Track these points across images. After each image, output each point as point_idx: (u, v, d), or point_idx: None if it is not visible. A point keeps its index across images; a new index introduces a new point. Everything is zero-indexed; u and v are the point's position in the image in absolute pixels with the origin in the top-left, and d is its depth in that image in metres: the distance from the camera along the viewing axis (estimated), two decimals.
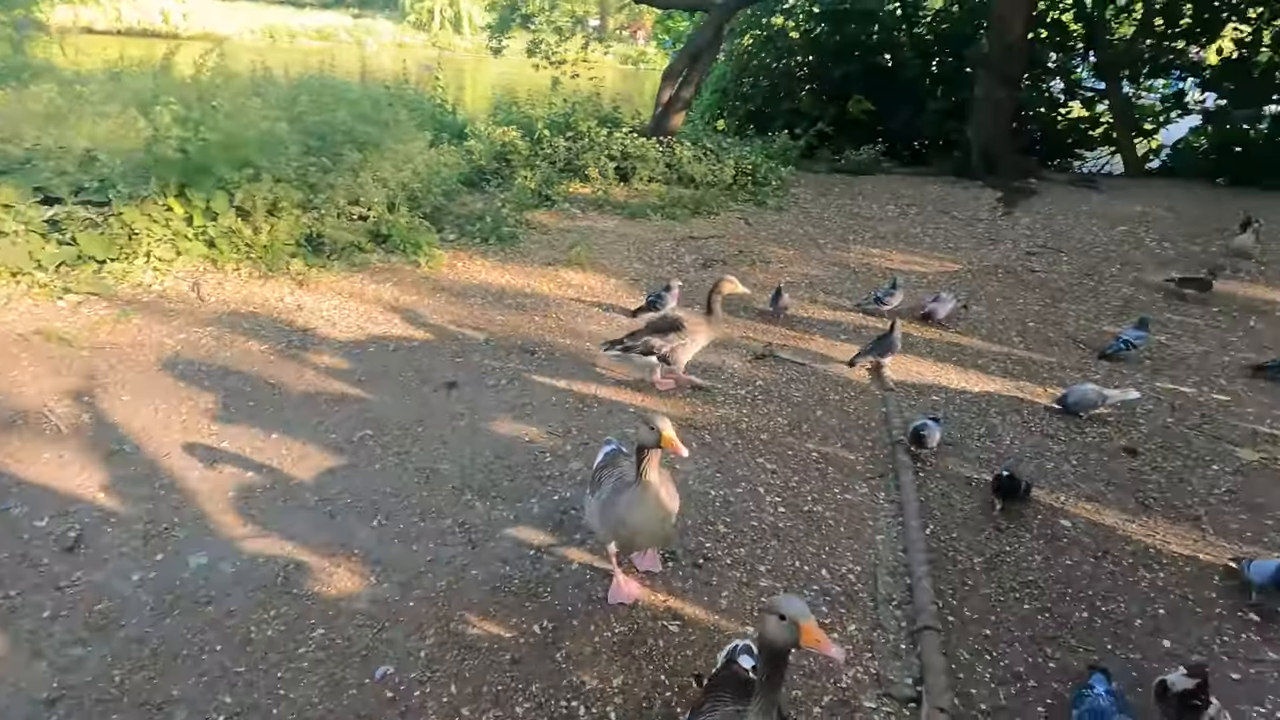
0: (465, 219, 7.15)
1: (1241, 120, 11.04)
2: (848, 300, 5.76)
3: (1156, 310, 5.63)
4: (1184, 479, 3.56)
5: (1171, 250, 7.10)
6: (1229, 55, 11.32)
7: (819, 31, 13.34)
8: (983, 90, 10.08)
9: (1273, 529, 3.21)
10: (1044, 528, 3.20)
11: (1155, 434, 3.96)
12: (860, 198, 8.95)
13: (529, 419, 3.92)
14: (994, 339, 5.14)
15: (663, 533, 2.56)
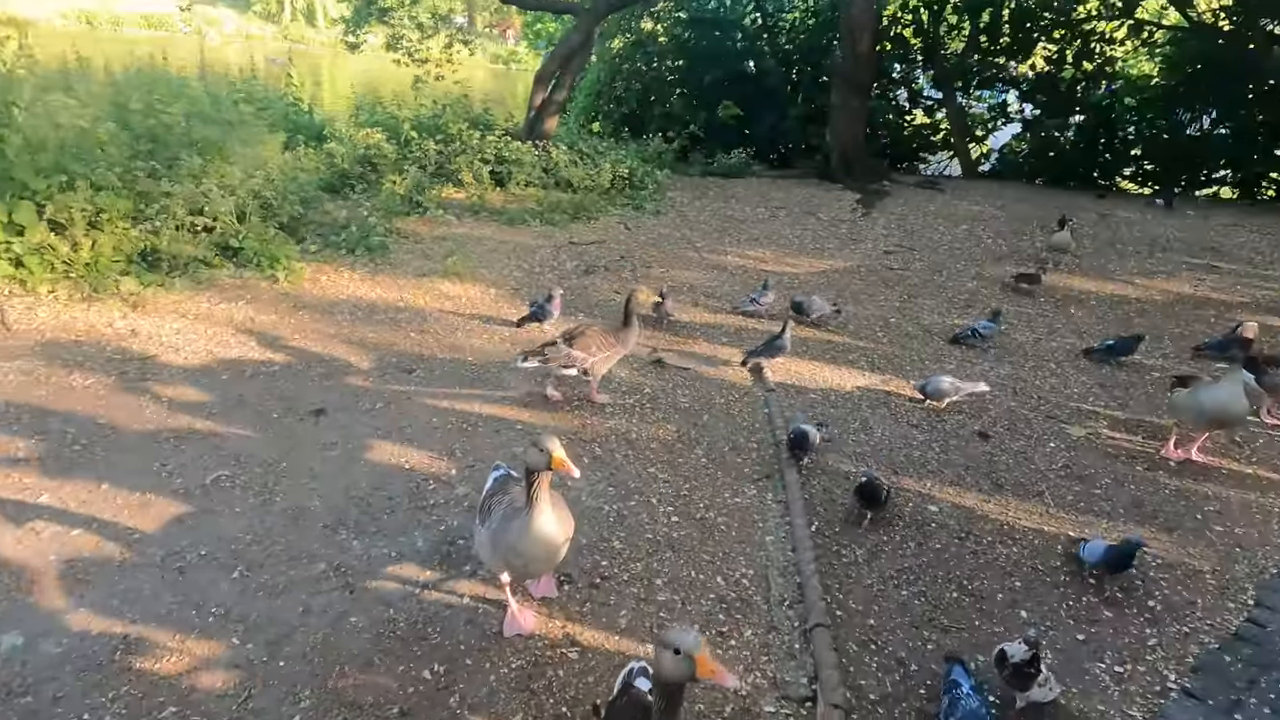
0: (329, 228, 6.68)
1: (1053, 128, 12.49)
2: (727, 303, 5.91)
3: (996, 302, 6.21)
4: (1028, 457, 3.94)
5: (1004, 246, 7.88)
6: (1041, 70, 12.76)
7: (686, 37, 13.68)
8: (838, 98, 10.74)
9: (1100, 498, 3.62)
10: (915, 514, 3.42)
11: (1002, 417, 4.36)
12: (733, 200, 9.25)
13: (409, 444, 3.70)
14: (861, 336, 5.47)
15: (558, 558, 2.48)
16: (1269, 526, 3.45)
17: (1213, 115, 11.87)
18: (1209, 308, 6.38)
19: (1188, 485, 3.75)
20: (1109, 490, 3.67)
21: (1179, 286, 6.84)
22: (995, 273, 6.95)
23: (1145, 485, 3.74)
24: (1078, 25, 12.15)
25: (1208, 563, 3.17)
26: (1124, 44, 12.43)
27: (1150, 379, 4.94)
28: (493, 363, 4.67)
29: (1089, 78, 12.45)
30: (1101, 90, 12.48)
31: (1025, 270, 6.58)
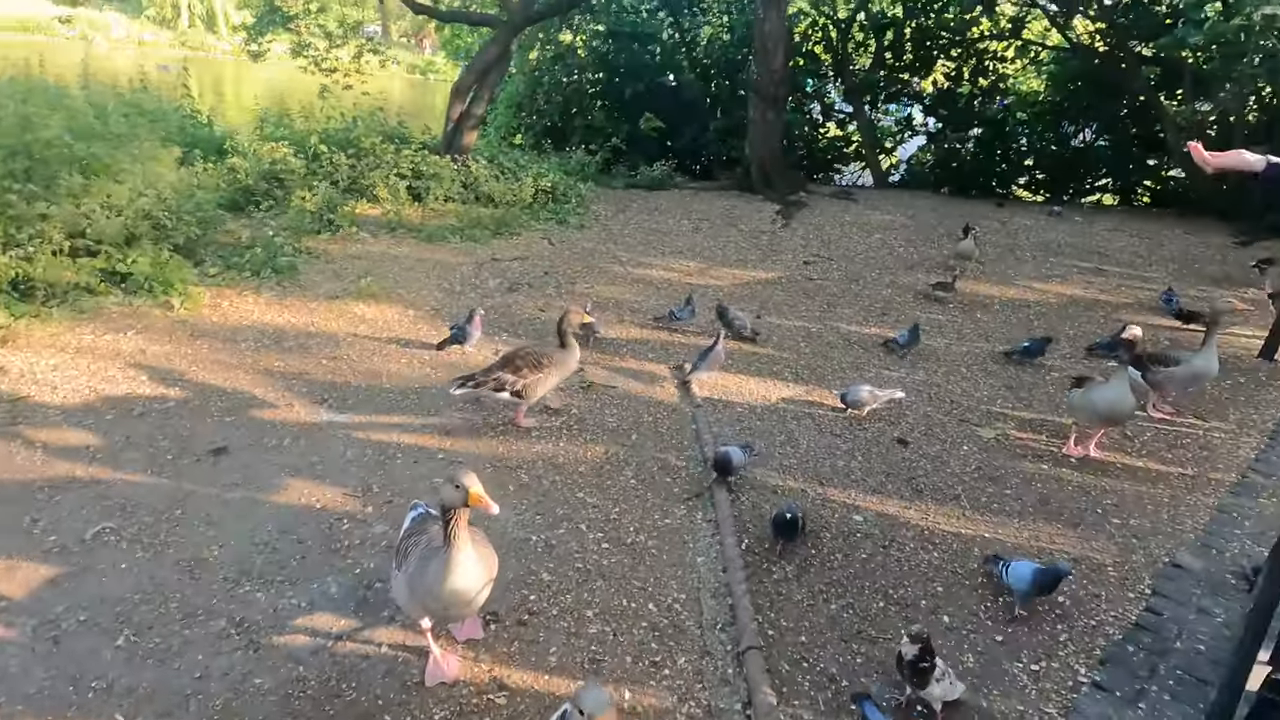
0: (231, 250, 6.29)
1: (954, 140, 13.21)
2: (653, 317, 5.91)
3: (910, 310, 6.47)
4: (944, 462, 4.09)
5: (915, 254, 8.23)
6: (941, 86, 13.49)
7: (606, 50, 13.73)
8: (755, 112, 10.99)
9: (1011, 498, 3.79)
10: (841, 525, 3.48)
11: (919, 423, 4.51)
12: (657, 213, 9.30)
13: (321, 481, 3.49)
14: (784, 347, 5.57)
15: (480, 600, 2.37)
16: (1159, 516, 3.70)
17: (1093, 128, 12.84)
18: (1098, 309, 6.85)
19: (1088, 481, 3.98)
20: (1018, 490, 3.85)
21: (1071, 289, 7.32)
22: (908, 280, 7.24)
23: (1050, 483, 3.94)
24: (972, 45, 12.93)
25: (1108, 555, 3.36)
26: (1014, 62, 13.30)
27: (1050, 379, 5.23)
28: (411, 389, 4.48)
29: (985, 93, 13.25)
30: (996, 105, 13.30)
31: (941, 279, 6.87)
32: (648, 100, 13.22)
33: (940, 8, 12.81)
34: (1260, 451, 4.38)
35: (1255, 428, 4.71)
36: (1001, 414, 4.70)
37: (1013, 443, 4.34)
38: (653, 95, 13.39)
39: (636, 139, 12.86)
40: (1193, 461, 4.25)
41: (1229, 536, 3.54)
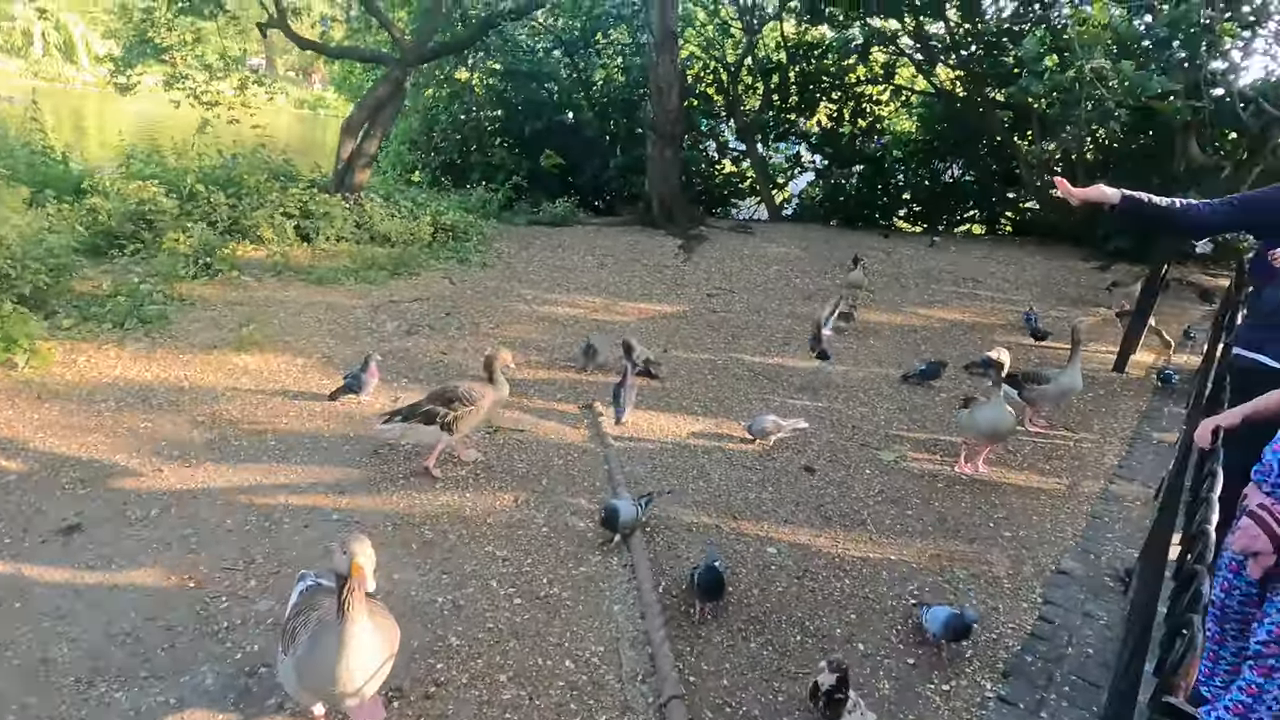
0: (89, 299, 5.71)
1: (839, 176, 14.07)
2: (561, 356, 5.83)
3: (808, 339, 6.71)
4: (850, 487, 4.22)
5: (811, 284, 8.61)
6: (825, 126, 14.37)
7: (504, 88, 13.74)
8: (653, 150, 11.27)
9: (912, 518, 3.94)
10: (756, 559, 3.49)
11: (824, 450, 4.65)
12: (561, 249, 9.28)
13: (194, 554, 3.15)
14: (693, 380, 5.62)
15: (380, 677, 2.18)
16: (1044, 526, 3.95)
17: (960, 165, 14.02)
18: (976, 330, 7.38)
19: (979, 497, 4.21)
20: (919, 510, 4.01)
21: (951, 314, 7.86)
22: (807, 310, 7.52)
23: (947, 501, 4.13)
24: (851, 89, 13.90)
25: (1002, 568, 3.54)
26: (888, 105, 14.39)
27: (941, 400, 5.55)
28: (301, 444, 4.16)
29: (864, 133, 14.22)
30: (874, 144, 14.29)
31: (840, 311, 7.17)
32: (548, 137, 13.30)
33: (820, 54, 13.71)
34: (1122, 458, 4.80)
35: (1116, 435, 5.17)
36: (899, 436, 4.92)
37: (911, 464, 4.54)
38: (553, 133, 13.49)
39: (538, 176, 12.87)
40: (1067, 471, 4.60)
41: (1103, 541, 3.82)
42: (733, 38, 14.61)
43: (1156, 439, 5.11)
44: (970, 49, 12.22)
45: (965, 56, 12.26)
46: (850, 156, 14.05)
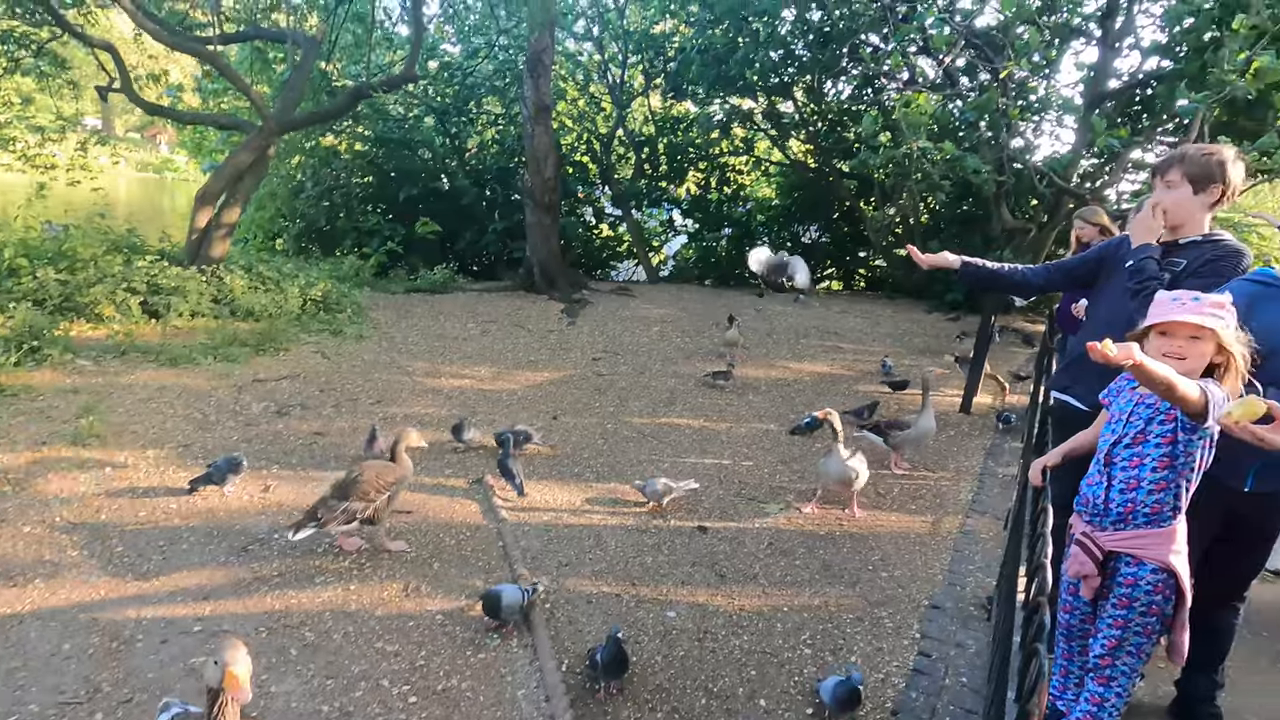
0: None
1: (710, 239, 14.93)
2: (446, 429, 5.67)
3: (695, 397, 6.97)
4: (741, 543, 4.37)
5: (691, 344, 8.98)
6: (695, 193, 15.29)
7: (376, 155, 13.54)
8: (532, 217, 11.48)
9: (800, 568, 4.14)
10: (657, 625, 3.52)
11: (715, 508, 4.80)
12: (442, 317, 9.12)
13: (21, 691, 2.73)
14: (583, 446, 5.65)
15: None
16: (915, 564, 4.27)
17: (817, 227, 15.34)
18: (842, 381, 7.97)
19: (858, 541, 4.50)
20: (805, 560, 4.22)
21: (819, 367, 8.46)
22: (689, 369, 7.84)
23: (830, 548, 4.38)
24: (716, 159, 14.95)
25: (884, 609, 3.79)
26: (749, 174, 15.58)
27: (817, 450, 5.91)
28: (155, 547, 3.76)
29: (730, 199, 15.27)
30: (740, 209, 15.37)
31: (718, 368, 7.52)
32: (423, 203, 13.19)
33: (685, 129, 14.68)
34: (975, 493, 5.32)
35: (968, 473, 5.72)
36: (782, 488, 5.18)
37: (794, 515, 4.78)
38: (428, 198, 13.41)
39: (414, 242, 12.68)
40: (930, 509, 5.02)
41: (966, 573, 4.19)
42: (604, 111, 15.35)
43: (1000, 473, 5.71)
44: (817, 126, 13.58)
45: (813, 132, 13.59)
46: (719, 220, 14.99)
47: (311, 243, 13.28)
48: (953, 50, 9.38)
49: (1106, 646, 2.27)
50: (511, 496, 4.64)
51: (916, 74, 11.80)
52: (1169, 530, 2.18)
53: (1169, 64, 9.73)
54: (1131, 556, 2.20)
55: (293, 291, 8.34)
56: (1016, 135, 10.04)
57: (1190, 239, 2.80)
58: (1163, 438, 2.14)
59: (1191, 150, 2.77)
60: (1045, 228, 11.24)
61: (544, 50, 11.07)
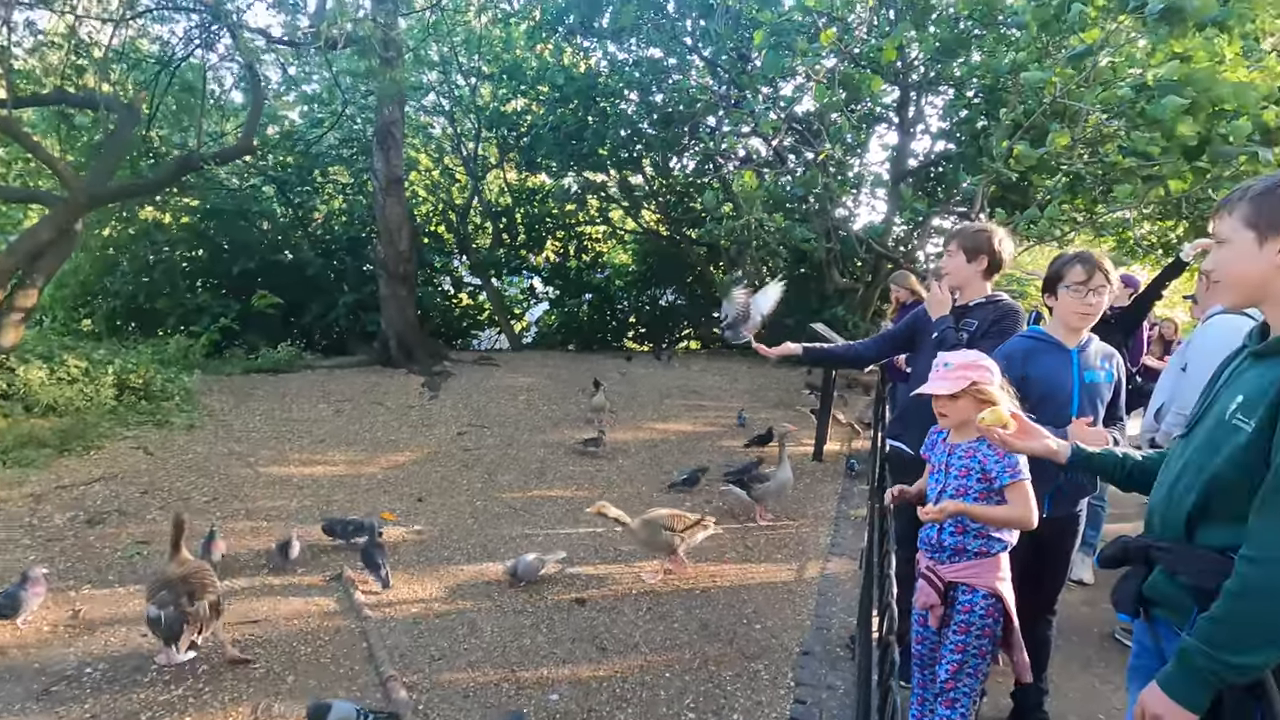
0: None
1: (571, 305, 15.21)
2: (295, 522, 5.22)
3: (566, 466, 6.95)
4: (621, 612, 4.36)
5: (558, 411, 8.99)
6: (554, 261, 15.58)
7: (206, 226, 12.58)
8: (386, 289, 11.12)
9: (679, 630, 4.19)
10: (539, 711, 3.40)
11: (591, 579, 4.76)
12: (288, 399, 8.48)
13: None
14: (452, 527, 5.43)
15: None
16: (785, 612, 4.48)
17: (673, 290, 16.11)
18: (705, 439, 8.31)
19: (731, 596, 4.64)
20: (684, 621, 4.29)
21: (684, 426, 8.78)
22: (558, 438, 7.82)
23: (706, 606, 4.49)
24: (573, 228, 15.39)
25: (760, 660, 3.92)
26: (606, 242, 16.16)
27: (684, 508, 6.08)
28: None
29: (589, 266, 15.70)
30: (599, 275, 15.83)
31: (589, 435, 7.56)
32: (263, 276, 12.37)
33: (541, 200, 15.05)
34: (832, 537, 5.70)
35: (824, 518, 6.13)
36: None
37: (671, 577, 4.86)
38: (269, 271, 12.60)
39: (252, 317, 11.80)
40: (794, 556, 5.31)
41: (831, 614, 4.46)
42: (459, 183, 15.38)
43: (853, 516, 6.17)
44: (666, 197, 14.46)
45: (663, 203, 14.45)
46: (579, 287, 15.32)
47: (128, 323, 11.93)
48: (778, 134, 10.47)
49: (950, 671, 2.52)
50: (378, 589, 4.34)
51: (750, 153, 13.02)
52: (995, 559, 2.50)
53: (953, 147, 11.50)
54: (967, 585, 2.49)
55: (106, 380, 7.41)
56: (839, 207, 11.31)
57: (976, 301, 3.38)
58: (978, 493, 2.47)
59: (969, 227, 3.37)
60: (870, 286, 12.61)
61: (394, 123, 11.01)
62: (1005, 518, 2.41)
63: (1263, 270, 1.56)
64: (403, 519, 5.33)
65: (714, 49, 11.39)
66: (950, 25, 9.67)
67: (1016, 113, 8.01)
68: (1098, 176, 8.25)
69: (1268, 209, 1.55)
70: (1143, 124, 7.22)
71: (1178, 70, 6.86)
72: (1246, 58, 7.42)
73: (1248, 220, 1.57)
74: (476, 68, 14.16)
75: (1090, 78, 7.42)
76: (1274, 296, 1.57)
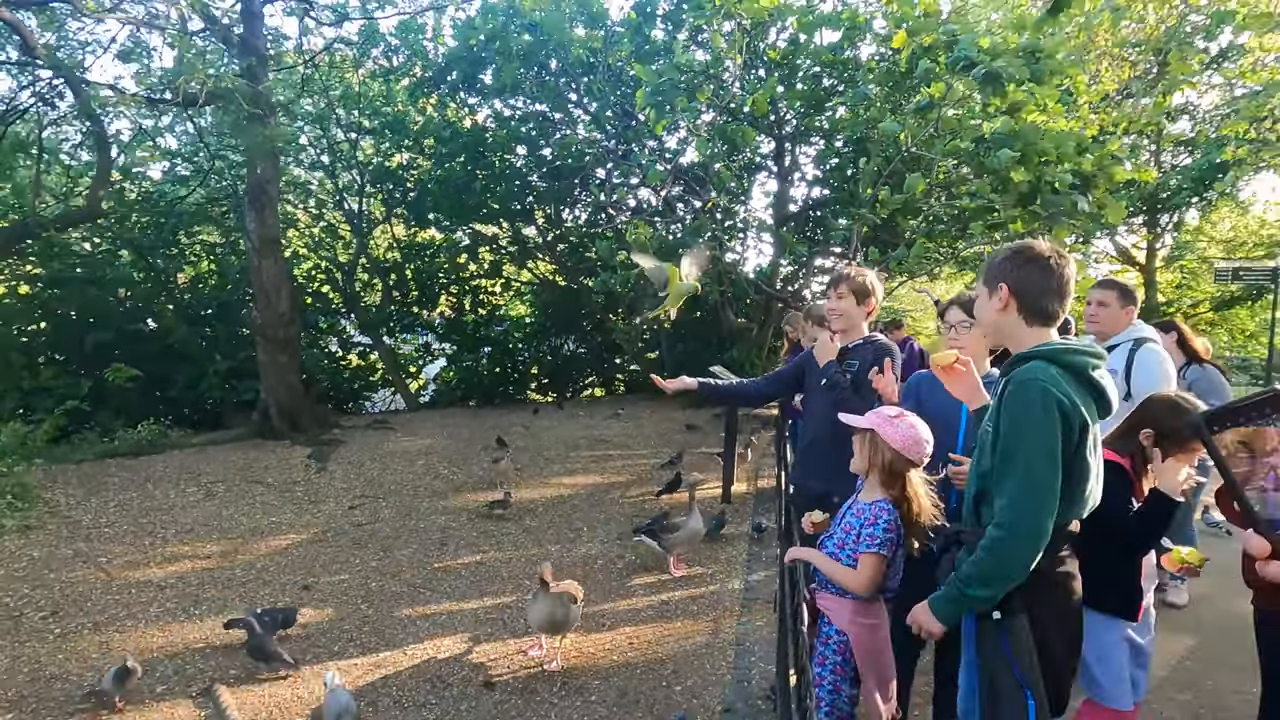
0: None
1: (469, 360, 14.78)
2: (156, 628, 4.60)
3: (469, 532, 6.59)
4: (534, 690, 4.08)
5: (460, 474, 8.58)
6: (449, 316, 15.15)
7: (50, 296, 11.32)
8: (265, 355, 10.35)
9: (597, 702, 3.97)
10: None
11: (500, 657, 4.46)
12: (149, 485, 7.61)
13: None
14: (343, 615, 4.96)
15: None
16: (705, 668, 4.35)
17: (574, 339, 16.02)
18: (614, 490, 8.16)
19: (650, 656, 4.47)
20: (601, 693, 4.07)
21: (591, 478, 8.60)
22: (460, 503, 7.43)
23: (624, 674, 4.29)
24: (467, 282, 15.07)
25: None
26: (502, 295, 15.93)
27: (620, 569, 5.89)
28: None
29: (486, 319, 15.37)
30: (497, 328, 15.52)
31: (495, 498, 7.22)
32: (120, 348, 11.22)
33: (432, 254, 14.69)
34: (744, 581, 5.67)
35: (736, 562, 6.11)
36: None
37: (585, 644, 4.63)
38: (127, 341, 11.46)
39: (108, 394, 10.63)
40: (710, 606, 5.22)
41: (750, 665, 4.38)
42: (343, 239, 14.76)
43: (764, 555, 6.18)
44: (559, 249, 14.49)
45: (558, 253, 14.46)
46: (477, 341, 14.95)
47: None
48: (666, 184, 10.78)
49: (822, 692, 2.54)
50: (250, 700, 3.86)
51: (641, 203, 13.32)
52: (852, 604, 2.54)
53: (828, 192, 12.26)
54: (826, 617, 2.55)
55: None
56: (729, 251, 11.73)
57: (856, 342, 3.53)
58: (851, 551, 2.52)
59: (854, 271, 3.53)
60: (763, 325, 13.06)
61: (268, 181, 10.43)
62: (843, 578, 2.51)
63: (992, 317, 2.12)
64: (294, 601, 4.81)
65: (598, 105, 11.66)
66: (813, 82, 10.40)
67: (877, 161, 8.65)
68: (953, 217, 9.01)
69: (985, 269, 2.15)
70: (983, 173, 8.01)
71: (1008, 125, 7.70)
72: (1065, 108, 8.44)
73: (980, 279, 2.17)
74: (356, 122, 13.78)
75: (939, 129, 8.16)
76: (1007, 337, 2.13)
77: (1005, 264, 2.05)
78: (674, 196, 12.23)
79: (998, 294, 2.05)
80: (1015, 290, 2.02)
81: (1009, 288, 2.03)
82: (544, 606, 4.18)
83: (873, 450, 2.50)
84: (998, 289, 2.05)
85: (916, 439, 2.47)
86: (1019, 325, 2.05)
